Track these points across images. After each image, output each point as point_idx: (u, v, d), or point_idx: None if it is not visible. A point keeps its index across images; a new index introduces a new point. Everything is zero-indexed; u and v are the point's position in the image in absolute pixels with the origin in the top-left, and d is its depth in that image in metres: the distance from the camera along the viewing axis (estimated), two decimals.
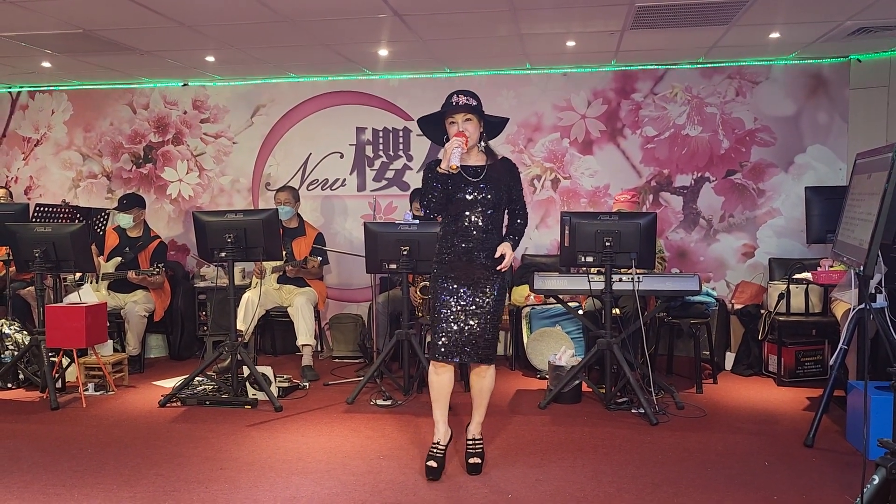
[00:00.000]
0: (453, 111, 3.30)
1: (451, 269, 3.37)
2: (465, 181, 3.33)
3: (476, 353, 3.35)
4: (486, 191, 3.33)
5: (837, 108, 5.68)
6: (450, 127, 3.32)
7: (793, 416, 4.30)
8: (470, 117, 3.30)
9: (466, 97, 3.30)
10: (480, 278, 3.35)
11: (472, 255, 3.35)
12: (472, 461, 3.42)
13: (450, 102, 3.31)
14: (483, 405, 3.49)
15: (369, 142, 6.29)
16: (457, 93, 3.32)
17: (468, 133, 3.28)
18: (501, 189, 3.37)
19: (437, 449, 3.39)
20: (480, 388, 3.46)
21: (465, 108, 3.28)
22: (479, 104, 3.33)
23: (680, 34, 4.88)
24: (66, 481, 3.32)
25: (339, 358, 5.98)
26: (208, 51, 5.31)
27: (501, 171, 3.40)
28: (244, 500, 3.10)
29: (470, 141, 3.29)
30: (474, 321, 3.34)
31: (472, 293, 3.35)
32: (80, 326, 4.55)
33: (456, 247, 3.36)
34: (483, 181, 3.34)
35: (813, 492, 3.16)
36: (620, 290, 4.46)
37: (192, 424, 4.19)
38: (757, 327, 5.31)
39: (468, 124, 3.30)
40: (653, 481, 3.29)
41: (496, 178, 3.36)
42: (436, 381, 3.40)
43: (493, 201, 3.35)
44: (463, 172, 3.31)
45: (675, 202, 5.93)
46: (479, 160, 3.40)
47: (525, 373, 5.42)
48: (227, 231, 4.55)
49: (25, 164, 6.75)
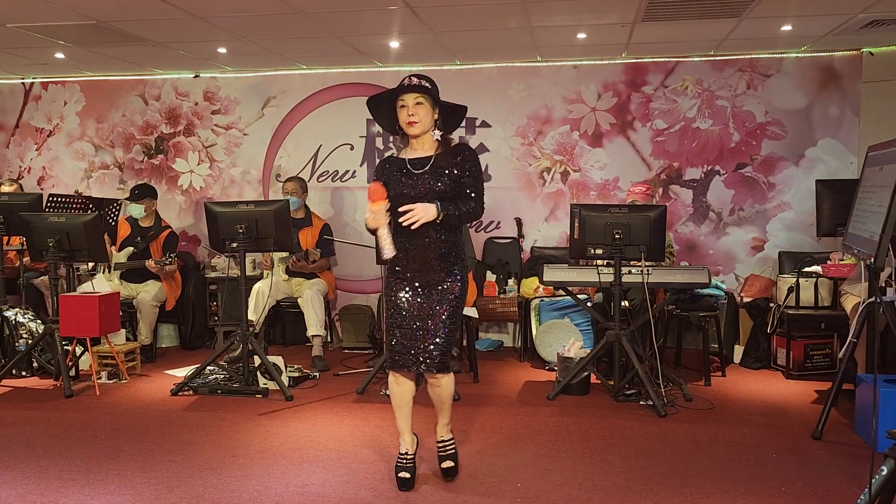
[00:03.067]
0: (402, 91, 3.01)
1: (401, 270, 3.09)
2: (409, 174, 3.07)
3: (429, 362, 3.05)
4: (431, 183, 3.03)
5: (849, 101, 5.65)
6: (400, 111, 3.03)
7: (801, 408, 4.31)
8: (421, 100, 3.00)
9: (419, 79, 3.02)
10: (432, 280, 3.06)
11: (415, 256, 3.05)
12: (445, 465, 3.25)
13: (401, 84, 3.03)
14: (445, 410, 3.25)
15: (379, 133, 6.31)
16: (410, 75, 3.06)
17: (418, 118, 3.00)
18: (447, 179, 3.04)
19: (406, 459, 3.20)
20: (438, 397, 3.20)
21: (418, 88, 2.99)
22: (433, 88, 3.04)
23: (691, 27, 4.87)
24: (80, 467, 3.37)
25: (348, 348, 6.02)
26: (220, 42, 5.34)
27: (449, 157, 3.07)
28: (257, 487, 3.14)
29: (420, 126, 3.02)
30: (426, 328, 3.05)
31: (424, 296, 3.07)
32: (93, 316, 4.60)
33: (403, 246, 3.04)
34: (430, 172, 3.05)
35: (821, 483, 3.18)
36: (630, 283, 4.47)
37: (204, 413, 4.23)
38: (766, 320, 5.32)
39: (419, 108, 3.00)
40: (661, 472, 3.32)
41: (443, 165, 3.05)
42: (396, 390, 3.18)
43: (439, 192, 3.02)
44: (409, 165, 3.08)
45: (684, 195, 5.93)
46: (430, 151, 3.10)
47: (534, 364, 5.45)
48: (239, 221, 4.58)
49: (38, 155, 6.80)
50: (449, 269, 3.07)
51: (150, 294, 5.53)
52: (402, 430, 3.23)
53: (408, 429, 3.23)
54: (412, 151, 3.13)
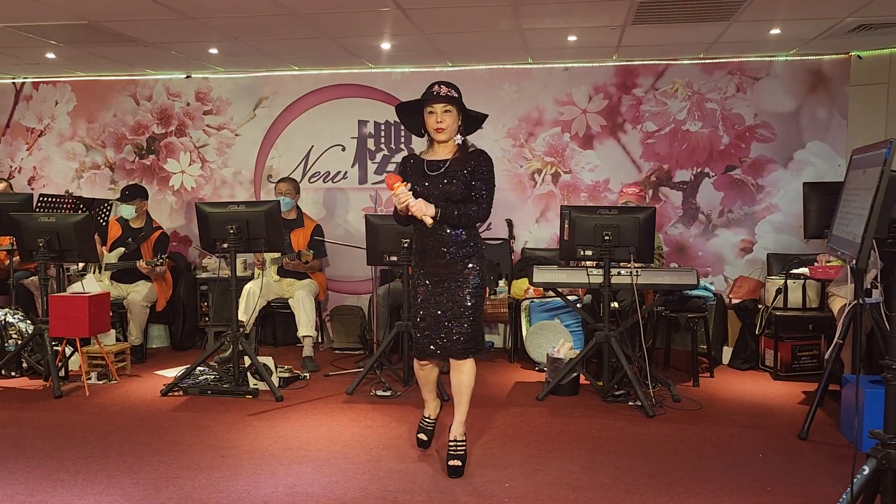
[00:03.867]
0: (433, 101, 3.24)
1: (422, 264, 3.35)
2: (426, 176, 3.29)
3: (452, 349, 3.28)
4: (447, 185, 3.25)
5: (837, 104, 5.70)
6: (428, 116, 3.27)
7: (788, 409, 4.34)
8: (449, 108, 3.25)
9: (448, 88, 3.24)
10: (452, 273, 3.28)
11: (439, 251, 3.29)
12: (452, 463, 3.31)
13: (430, 91, 3.25)
14: (464, 402, 3.36)
15: (371, 135, 6.32)
16: (438, 83, 3.26)
17: (445, 125, 3.24)
18: (459, 181, 3.25)
19: (427, 422, 3.59)
20: (459, 384, 3.35)
21: (447, 98, 3.23)
22: (459, 96, 3.28)
23: (681, 30, 4.91)
24: (69, 467, 3.37)
25: (339, 349, 6.02)
26: (212, 43, 5.34)
27: (465, 161, 3.29)
28: (246, 487, 3.15)
29: (447, 132, 3.26)
30: (448, 316, 3.27)
31: (445, 288, 3.29)
32: (82, 316, 4.59)
33: (423, 242, 3.33)
34: (444, 174, 3.27)
35: (806, 483, 3.21)
36: (619, 284, 4.50)
37: (194, 413, 4.24)
38: (754, 322, 5.35)
39: (447, 115, 3.24)
40: (648, 472, 3.34)
41: (457, 169, 3.27)
42: (421, 374, 3.50)
43: (454, 194, 3.24)
44: (427, 166, 3.32)
45: (674, 197, 5.96)
46: (449, 154, 3.32)
47: (524, 365, 5.47)
48: (230, 222, 4.58)
49: (29, 155, 6.79)
50: (466, 259, 3.30)
51: (141, 295, 5.52)
52: (427, 399, 3.58)
53: (432, 397, 3.57)
54: (433, 153, 3.36)
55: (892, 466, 2.30)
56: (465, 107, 3.30)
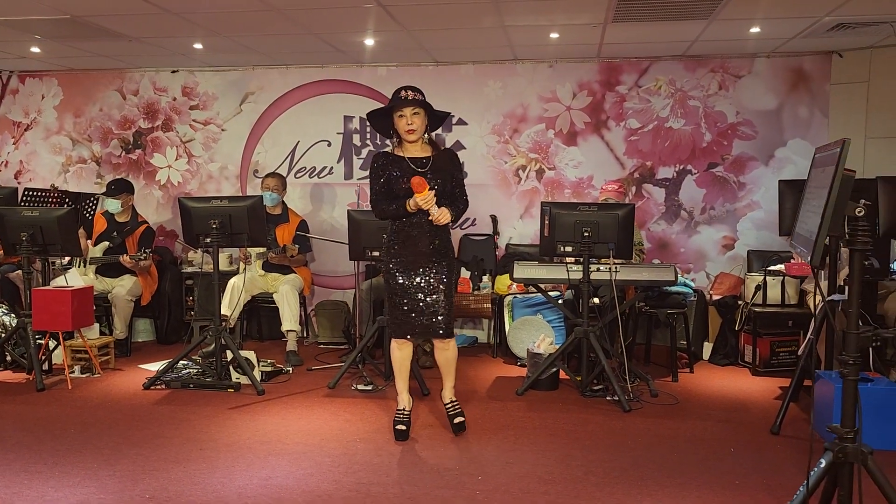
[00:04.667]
0: (402, 105, 3.55)
1: (402, 255, 3.64)
2: (412, 172, 3.57)
3: (434, 328, 3.65)
4: (432, 181, 3.56)
5: (818, 102, 5.75)
6: (398, 120, 3.59)
7: (763, 404, 4.39)
8: (418, 111, 3.57)
9: (414, 92, 3.58)
10: (431, 261, 3.64)
11: (422, 242, 3.62)
12: (457, 420, 3.79)
13: (398, 97, 3.57)
14: (451, 373, 3.82)
15: (357, 130, 6.35)
16: (404, 88, 3.59)
17: (416, 126, 3.56)
18: (446, 178, 3.64)
19: (403, 414, 3.77)
20: (445, 359, 3.79)
21: (415, 102, 3.56)
22: (424, 98, 3.61)
23: (661, 28, 4.94)
24: (47, 460, 3.40)
25: (324, 344, 6.06)
26: (196, 38, 5.36)
27: (445, 160, 3.68)
28: (221, 480, 3.19)
29: (417, 132, 3.58)
30: (428, 299, 3.63)
31: (424, 274, 3.63)
32: (66, 309, 4.62)
33: (406, 234, 3.63)
34: (430, 171, 3.60)
35: (774, 476, 3.26)
36: (598, 280, 4.54)
37: (174, 407, 4.27)
38: (734, 318, 5.40)
39: (416, 117, 3.57)
40: (620, 465, 3.39)
41: (441, 167, 3.63)
42: (398, 354, 3.76)
43: (440, 190, 3.58)
44: (411, 163, 3.61)
45: (657, 194, 6.01)
46: (425, 152, 3.66)
47: (506, 360, 5.51)
48: (213, 217, 4.61)
49: (16, 149, 6.80)
50: (444, 253, 3.67)
51: (125, 289, 5.54)
52: (401, 390, 3.80)
53: (405, 389, 3.80)
54: (407, 151, 3.66)
55: (848, 460, 2.34)
56: (431, 108, 3.63)
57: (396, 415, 3.78)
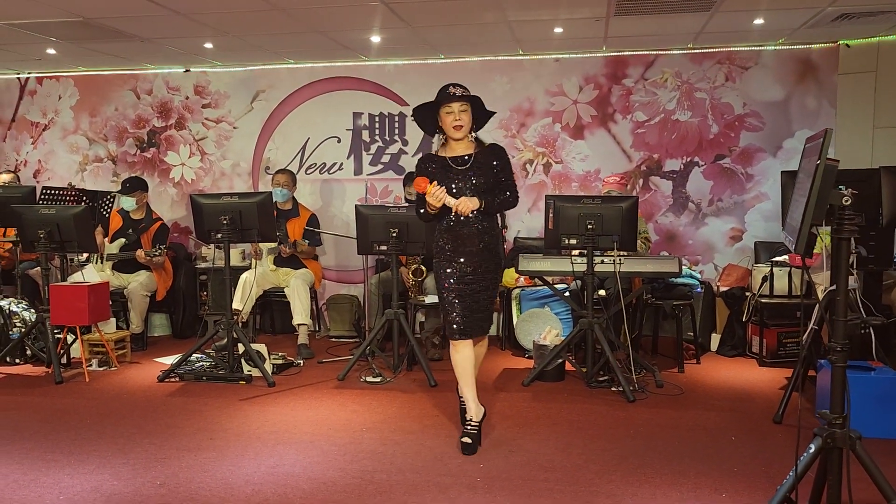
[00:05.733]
0: (450, 100, 3.47)
1: (450, 253, 3.57)
2: (453, 170, 3.53)
3: (482, 327, 3.62)
4: (474, 177, 3.52)
5: (826, 93, 5.73)
6: (445, 116, 3.50)
7: (768, 394, 4.41)
8: (466, 107, 3.50)
9: (462, 89, 3.50)
10: (477, 260, 3.56)
11: (467, 240, 3.54)
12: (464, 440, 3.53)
13: (446, 93, 3.49)
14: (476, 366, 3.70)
15: (366, 126, 6.43)
16: (452, 85, 3.52)
17: (463, 123, 3.48)
18: (489, 173, 3.54)
19: (471, 425, 3.54)
20: (478, 355, 3.70)
21: (464, 98, 3.48)
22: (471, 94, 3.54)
23: (665, 20, 4.96)
24: (64, 449, 3.52)
25: (335, 337, 6.16)
26: (206, 38, 5.46)
27: (488, 156, 3.58)
28: (230, 468, 3.28)
29: (464, 129, 3.51)
30: (477, 298, 3.57)
31: (472, 273, 3.56)
32: (83, 305, 4.74)
33: (452, 232, 3.56)
34: (470, 168, 3.53)
35: (773, 465, 3.30)
36: (602, 272, 4.58)
37: (187, 398, 4.38)
38: (741, 309, 5.42)
39: (464, 114, 3.49)
40: (621, 454, 3.44)
41: (482, 162, 3.55)
42: (458, 358, 3.58)
43: (481, 186, 3.52)
44: (451, 162, 3.55)
45: (664, 186, 6.03)
46: (469, 149, 3.58)
47: (514, 352, 5.57)
48: (223, 213, 4.71)
49: (34, 148, 6.96)
50: (493, 250, 3.60)
51: (141, 284, 5.67)
52: (468, 398, 3.59)
53: (473, 397, 3.58)
54: (451, 150, 3.58)
55: (836, 445, 2.38)
56: (482, 105, 3.54)
57: (465, 425, 3.56)
